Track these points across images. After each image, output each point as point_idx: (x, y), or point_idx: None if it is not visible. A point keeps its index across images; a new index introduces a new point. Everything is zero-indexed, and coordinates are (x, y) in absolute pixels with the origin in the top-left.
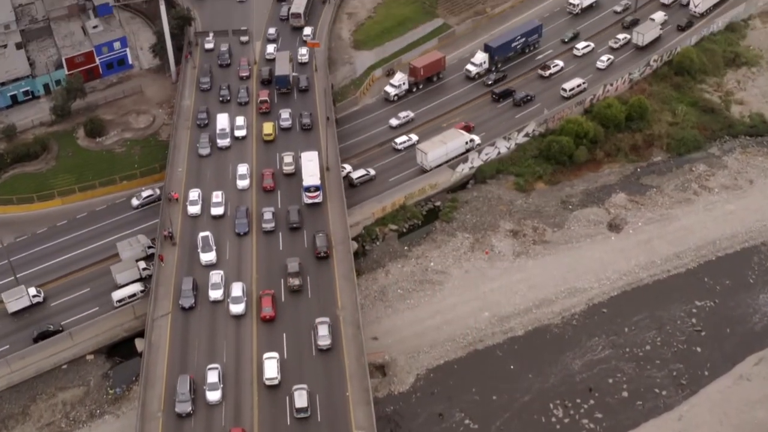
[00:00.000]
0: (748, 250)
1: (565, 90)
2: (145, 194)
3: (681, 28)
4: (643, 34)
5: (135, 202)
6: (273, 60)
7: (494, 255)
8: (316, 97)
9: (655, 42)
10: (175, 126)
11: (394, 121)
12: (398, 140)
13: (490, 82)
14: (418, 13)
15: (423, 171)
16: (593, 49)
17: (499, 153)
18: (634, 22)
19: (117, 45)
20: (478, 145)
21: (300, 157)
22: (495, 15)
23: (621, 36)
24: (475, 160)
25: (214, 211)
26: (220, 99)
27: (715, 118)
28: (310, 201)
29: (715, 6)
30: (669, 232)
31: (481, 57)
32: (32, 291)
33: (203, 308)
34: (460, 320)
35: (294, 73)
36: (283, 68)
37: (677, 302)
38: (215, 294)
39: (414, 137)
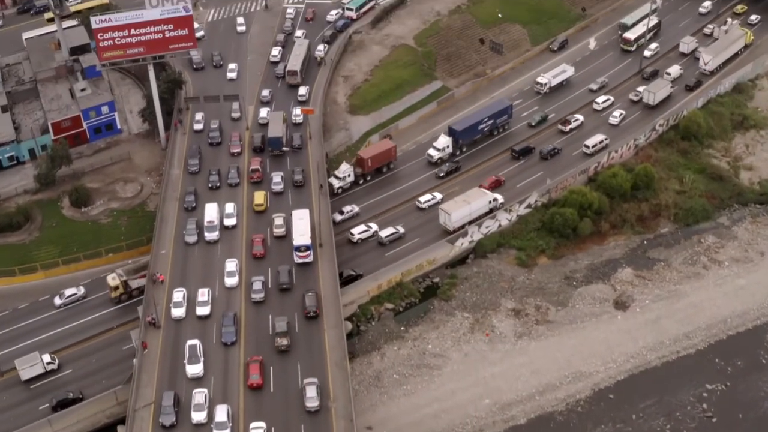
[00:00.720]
0: (760, 328)
1: (587, 147)
2: (68, 293)
3: (689, 88)
4: (654, 93)
5: (57, 301)
6: (266, 124)
7: (495, 336)
8: (310, 155)
9: (666, 100)
10: (163, 197)
11: (337, 216)
12: (422, 199)
13: (441, 174)
14: (417, 76)
15: (446, 231)
16: (613, 102)
17: (500, 225)
18: (654, 74)
19: (105, 109)
20: (501, 204)
21: (291, 215)
22: (495, 77)
23: (642, 89)
24: (475, 234)
25: (200, 311)
26: (210, 185)
27: (723, 185)
28: (300, 261)
29: (725, 63)
30: (678, 310)
31: (444, 141)
32: (46, 358)
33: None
34: (460, 408)
35: (287, 135)
36: (276, 130)
37: (687, 386)
38: (198, 416)
39: (438, 195)
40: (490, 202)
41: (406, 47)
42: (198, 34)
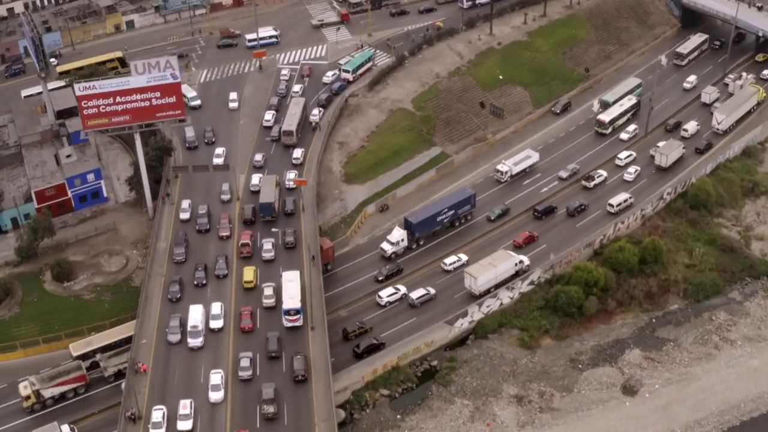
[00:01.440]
0: None
1: (612, 206)
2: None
3: (699, 151)
4: (667, 155)
5: None
6: (258, 192)
7: (497, 426)
8: (302, 226)
9: (678, 162)
10: (148, 273)
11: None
12: (447, 261)
13: (381, 278)
14: (415, 142)
15: (472, 296)
16: (635, 158)
17: (501, 304)
18: (677, 125)
19: (91, 177)
20: (528, 266)
21: (281, 276)
22: (496, 141)
23: (653, 150)
24: (476, 314)
25: (181, 425)
26: (195, 283)
27: (734, 257)
28: (290, 324)
29: (738, 122)
30: (689, 395)
31: (398, 234)
32: (65, 428)
33: None
34: None
35: (279, 200)
36: (268, 195)
37: None
38: None
39: (463, 257)
40: (516, 264)
41: (404, 111)
42: (194, 103)
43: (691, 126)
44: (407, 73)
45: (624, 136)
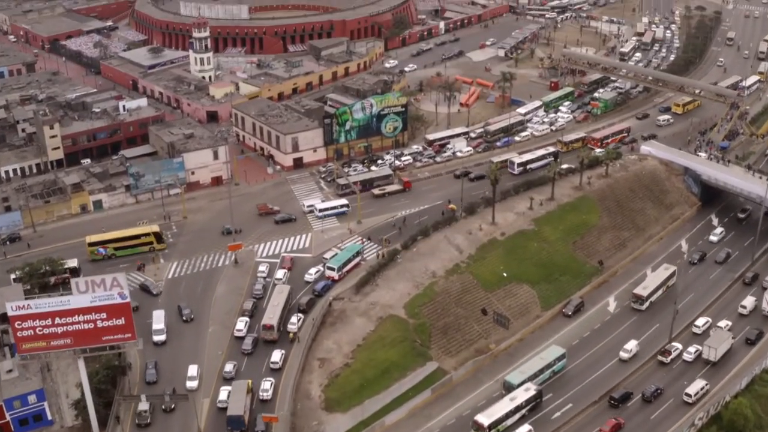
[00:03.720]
0: None
1: (689, 395)
2: None
3: (750, 342)
4: (716, 348)
5: None
6: (225, 408)
7: None
8: None
9: (728, 355)
10: None
11: None
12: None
13: None
14: (407, 356)
15: None
16: (711, 324)
17: None
18: (755, 278)
19: (33, 398)
20: None
21: None
22: (501, 351)
23: (748, 302)
24: None
25: None
26: None
27: None
28: None
29: None
30: None
31: None
32: None
33: None
34: None
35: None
36: (237, 406)
37: None
38: None
39: None
40: None
41: (395, 319)
42: (158, 339)
43: (749, 302)
44: (400, 271)
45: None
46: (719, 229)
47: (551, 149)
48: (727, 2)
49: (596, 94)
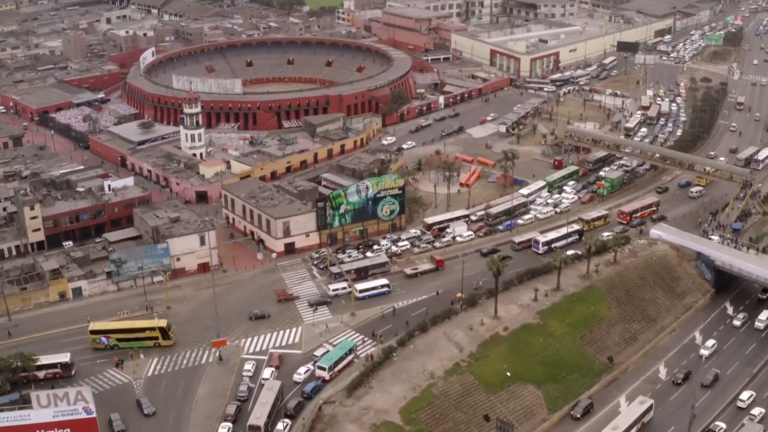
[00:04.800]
0: None
1: None
2: None
3: None
4: None
5: None
6: None
7: None
8: None
9: None
10: None
11: None
12: None
13: None
14: None
15: None
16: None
17: None
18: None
19: None
20: None
21: None
22: None
23: None
24: None
25: None
26: None
27: None
28: None
29: None
30: None
31: None
32: None
33: None
34: None
35: None
36: None
37: None
38: None
39: None
40: None
41: (390, 426)
42: None
43: None
44: (395, 371)
45: None
46: (711, 342)
47: (575, 227)
48: (732, 72)
49: (602, 173)
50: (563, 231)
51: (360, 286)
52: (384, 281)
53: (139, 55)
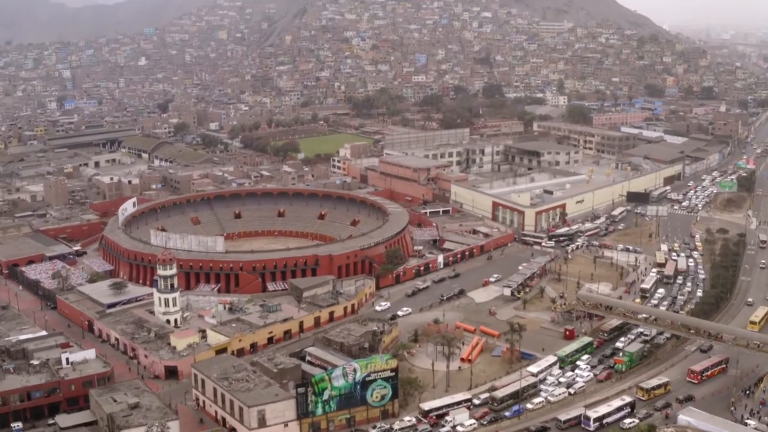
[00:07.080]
0: None
1: None
2: None
3: None
4: None
5: None
6: None
7: None
8: None
9: None
10: None
11: None
12: None
13: None
14: None
15: None
16: None
17: None
18: None
19: None
20: None
21: None
22: None
23: None
24: None
25: None
26: None
27: None
28: None
29: None
30: None
31: None
32: None
33: None
34: None
35: None
36: None
37: None
38: None
39: None
40: None
41: None
42: None
43: None
44: None
45: None
46: None
47: (627, 398)
48: (749, 221)
49: (619, 344)
50: (615, 404)
51: None
52: None
53: (122, 204)
